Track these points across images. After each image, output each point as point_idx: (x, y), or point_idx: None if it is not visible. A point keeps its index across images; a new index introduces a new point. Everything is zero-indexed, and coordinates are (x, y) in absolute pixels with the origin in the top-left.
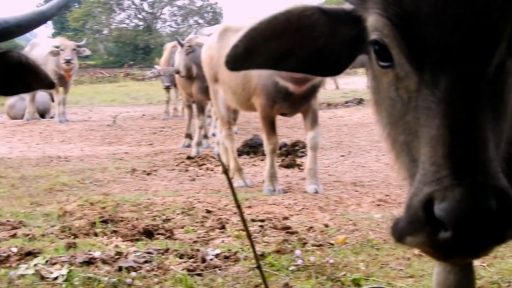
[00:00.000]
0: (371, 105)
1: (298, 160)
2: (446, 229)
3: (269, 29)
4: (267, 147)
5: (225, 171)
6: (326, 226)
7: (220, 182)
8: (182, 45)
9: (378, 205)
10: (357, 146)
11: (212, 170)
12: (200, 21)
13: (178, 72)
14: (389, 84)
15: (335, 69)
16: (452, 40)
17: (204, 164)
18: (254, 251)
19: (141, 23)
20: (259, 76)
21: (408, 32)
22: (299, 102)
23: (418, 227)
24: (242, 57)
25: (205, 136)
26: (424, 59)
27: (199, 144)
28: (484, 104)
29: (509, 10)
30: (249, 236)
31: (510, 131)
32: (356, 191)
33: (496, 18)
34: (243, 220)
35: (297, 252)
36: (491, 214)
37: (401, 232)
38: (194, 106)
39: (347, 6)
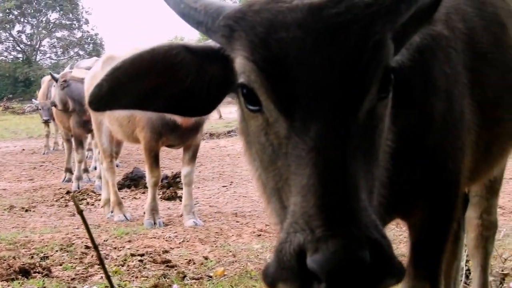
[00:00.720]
0: (242, 144)
1: (179, 192)
2: (320, 281)
3: (134, 68)
4: (149, 180)
5: (80, 212)
6: (206, 258)
7: (101, 217)
8: (56, 80)
9: (259, 235)
10: (239, 176)
11: (92, 205)
12: (81, 52)
13: (55, 105)
14: (259, 129)
15: (204, 109)
16: (321, 86)
17: (85, 199)
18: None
19: (20, 55)
20: None
21: (276, 77)
22: (187, 134)
23: (291, 276)
24: (106, 97)
25: (86, 170)
26: (294, 105)
27: (79, 178)
28: (355, 150)
29: (378, 54)
30: (108, 277)
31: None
32: (237, 221)
33: (365, 63)
34: (101, 260)
35: (175, 286)
36: (365, 266)
37: (273, 277)
38: (73, 140)
39: (216, 44)
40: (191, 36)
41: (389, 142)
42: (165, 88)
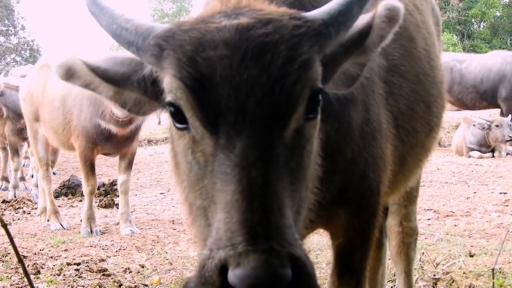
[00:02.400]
0: (171, 166)
1: (117, 200)
2: None
3: None
4: (85, 189)
5: (4, 226)
6: (143, 266)
7: (37, 226)
8: None
9: (196, 243)
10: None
11: (29, 213)
12: (18, 58)
13: None
14: (186, 147)
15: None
16: (247, 104)
17: (21, 208)
18: None
19: None
20: (78, 118)
21: (202, 95)
22: (123, 143)
23: None
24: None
25: (22, 178)
26: (219, 122)
27: (15, 186)
28: (280, 169)
29: (305, 75)
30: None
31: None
32: (174, 229)
33: (291, 82)
34: (27, 275)
35: None
36: (285, 282)
37: None
38: (8, 148)
39: (132, 69)
40: None
41: (318, 163)
42: None
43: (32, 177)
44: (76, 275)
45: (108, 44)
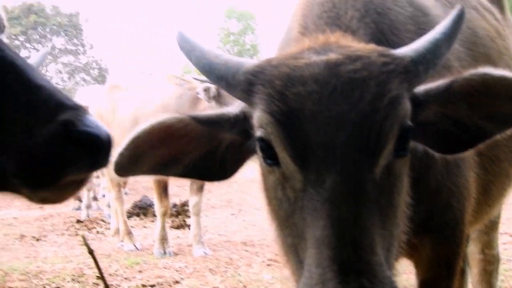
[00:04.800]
0: (264, 203)
1: (188, 221)
2: None
3: (149, 139)
4: (158, 210)
5: (91, 252)
6: None
7: (111, 246)
8: None
9: (269, 265)
10: (247, 203)
11: (102, 234)
12: (87, 77)
13: None
14: (276, 183)
15: (223, 175)
16: (336, 139)
17: (94, 228)
18: None
19: None
20: None
21: (292, 130)
22: None
23: None
24: (128, 165)
25: (95, 198)
26: (309, 157)
27: (88, 206)
28: (371, 205)
29: (393, 112)
30: None
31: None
32: (247, 251)
33: (381, 118)
34: None
35: None
36: None
37: None
38: None
39: (226, 110)
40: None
41: (408, 200)
42: (182, 156)
43: (104, 197)
44: None
45: (176, 65)
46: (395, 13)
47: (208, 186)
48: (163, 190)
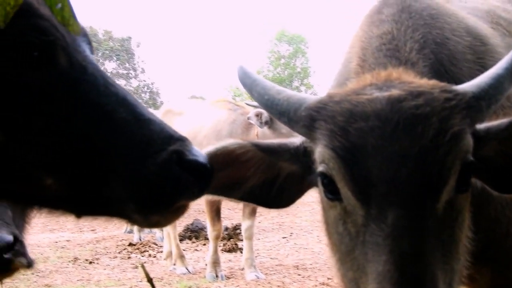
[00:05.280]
0: (325, 237)
1: (240, 244)
2: None
3: (213, 161)
4: (211, 234)
5: (150, 280)
6: None
7: (163, 270)
8: None
9: None
10: (298, 227)
11: (154, 257)
12: (138, 101)
13: None
14: (337, 218)
15: (281, 202)
16: (398, 175)
17: (147, 251)
18: None
19: None
20: None
21: (354, 165)
22: None
23: None
24: None
25: None
26: (371, 192)
27: (140, 229)
28: (432, 240)
29: (456, 147)
30: None
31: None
32: (299, 274)
33: (443, 154)
34: None
35: None
36: None
37: None
38: None
39: (288, 141)
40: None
41: (469, 234)
42: (242, 181)
43: None
44: None
45: (225, 86)
46: (453, 43)
47: (260, 209)
48: (216, 213)
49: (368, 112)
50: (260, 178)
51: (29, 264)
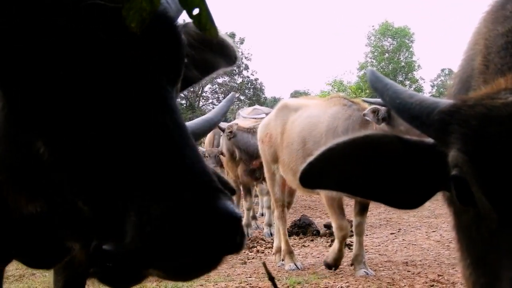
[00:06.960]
0: (455, 242)
1: (348, 240)
2: None
3: (346, 151)
4: (337, 234)
5: (271, 278)
6: None
7: (272, 265)
8: (223, 130)
9: (432, 286)
10: (406, 223)
11: (262, 253)
12: (242, 97)
13: (222, 153)
14: (470, 222)
15: (410, 203)
16: None
17: (255, 247)
18: None
19: (183, 101)
20: None
21: (488, 169)
22: None
23: None
24: (317, 176)
25: (254, 217)
26: (506, 197)
27: (248, 225)
28: None
29: None
30: None
31: None
32: (408, 271)
33: None
34: None
35: None
36: None
37: None
38: (241, 188)
39: (424, 139)
40: (348, 79)
41: None
42: (372, 175)
43: (262, 215)
44: None
45: (328, 81)
46: None
47: None
48: (338, 210)
49: (503, 116)
50: (390, 176)
51: None
